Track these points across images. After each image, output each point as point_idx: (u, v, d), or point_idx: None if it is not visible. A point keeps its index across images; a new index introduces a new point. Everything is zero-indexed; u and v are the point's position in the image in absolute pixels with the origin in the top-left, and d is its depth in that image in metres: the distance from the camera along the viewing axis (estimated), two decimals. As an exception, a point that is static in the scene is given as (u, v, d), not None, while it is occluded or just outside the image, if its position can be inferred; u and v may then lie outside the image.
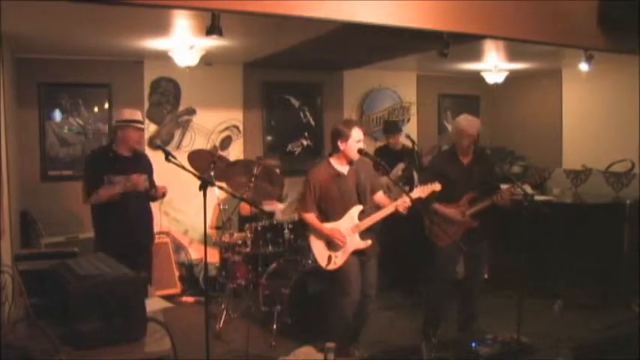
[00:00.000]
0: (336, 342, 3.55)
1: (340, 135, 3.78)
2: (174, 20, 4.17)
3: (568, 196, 5.93)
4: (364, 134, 3.92)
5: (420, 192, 3.72)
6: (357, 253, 3.84)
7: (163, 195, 4.48)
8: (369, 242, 3.82)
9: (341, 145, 3.77)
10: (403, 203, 3.69)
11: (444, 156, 4.36)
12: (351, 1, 3.63)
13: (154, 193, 4.40)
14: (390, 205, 3.79)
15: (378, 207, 3.93)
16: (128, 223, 4.16)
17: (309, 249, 4.10)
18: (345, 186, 3.82)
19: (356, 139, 3.75)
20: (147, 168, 4.38)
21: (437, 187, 3.75)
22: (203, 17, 3.58)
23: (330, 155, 3.91)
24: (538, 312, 4.81)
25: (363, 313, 4.01)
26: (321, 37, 4.70)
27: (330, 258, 3.83)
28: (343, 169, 3.84)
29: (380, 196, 3.98)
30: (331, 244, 3.83)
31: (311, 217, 3.86)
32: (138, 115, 4.31)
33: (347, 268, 3.82)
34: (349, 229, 3.80)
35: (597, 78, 6.32)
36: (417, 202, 3.68)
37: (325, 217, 3.87)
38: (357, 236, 3.82)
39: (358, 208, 3.82)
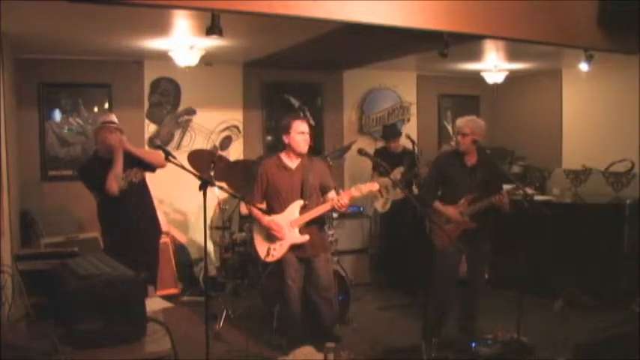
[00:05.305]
0: (285, 335, 3.59)
1: (282, 129, 3.91)
2: (174, 20, 4.17)
3: (568, 196, 5.92)
4: (362, 133, 3.96)
5: (355, 191, 3.74)
6: (298, 248, 3.89)
7: (160, 163, 4.10)
8: (306, 237, 3.85)
9: (285, 139, 3.88)
10: (339, 201, 3.74)
11: (448, 157, 4.32)
12: (352, 1, 3.64)
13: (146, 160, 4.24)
14: (327, 202, 3.85)
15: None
16: (129, 219, 4.17)
17: (252, 241, 4.13)
18: (290, 180, 3.89)
19: (298, 131, 3.82)
20: (134, 161, 4.22)
21: (375, 186, 3.80)
22: (203, 17, 3.57)
23: (281, 151, 4.00)
24: (538, 312, 4.81)
25: (324, 314, 4.01)
26: (321, 37, 4.70)
27: (268, 250, 3.87)
28: (292, 163, 3.92)
29: (332, 195, 3.99)
30: (270, 237, 3.88)
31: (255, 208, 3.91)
32: (112, 117, 4.27)
33: (285, 261, 3.89)
34: (288, 222, 3.85)
35: (597, 78, 6.31)
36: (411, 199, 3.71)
37: (271, 209, 3.92)
38: (296, 230, 3.86)
39: (299, 202, 3.87)
